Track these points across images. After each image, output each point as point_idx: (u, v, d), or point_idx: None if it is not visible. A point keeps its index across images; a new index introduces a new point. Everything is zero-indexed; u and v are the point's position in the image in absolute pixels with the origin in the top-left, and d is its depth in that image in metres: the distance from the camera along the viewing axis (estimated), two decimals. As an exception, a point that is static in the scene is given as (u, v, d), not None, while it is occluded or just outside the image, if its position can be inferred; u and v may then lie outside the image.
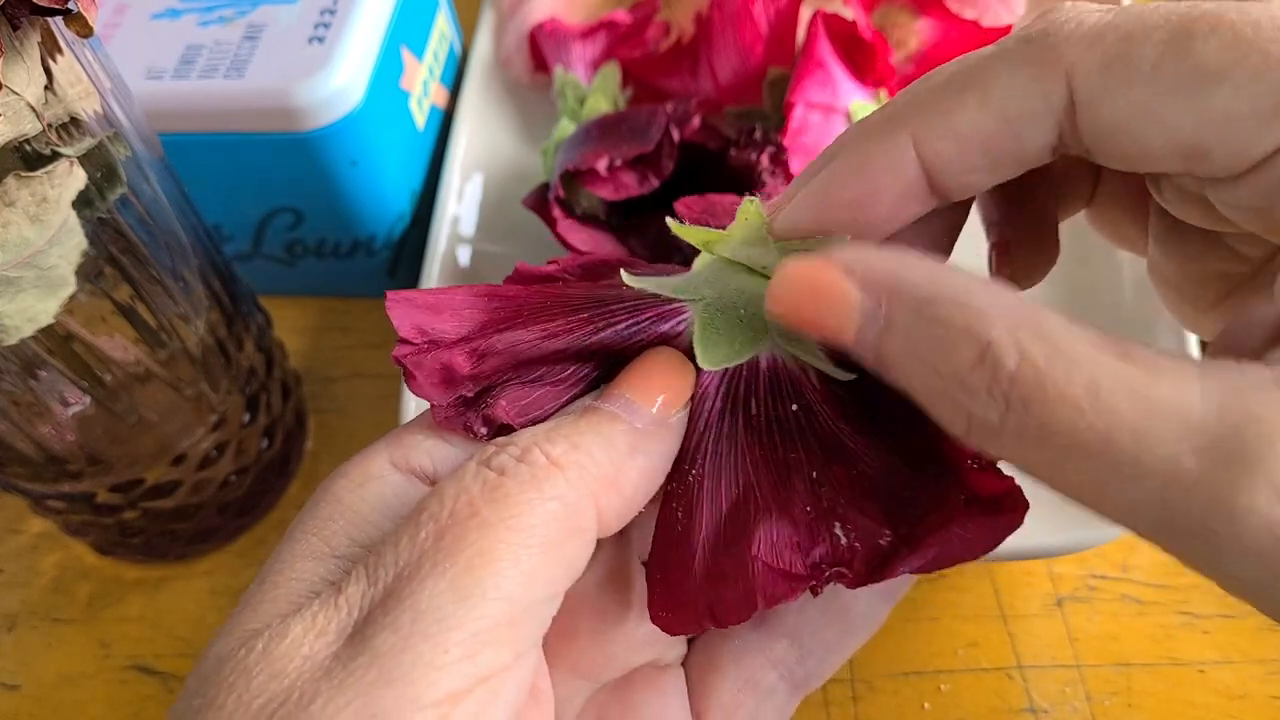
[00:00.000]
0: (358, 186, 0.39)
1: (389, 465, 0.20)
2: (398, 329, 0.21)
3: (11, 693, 0.35)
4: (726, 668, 0.22)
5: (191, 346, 0.32)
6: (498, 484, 0.18)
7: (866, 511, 0.20)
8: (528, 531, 0.17)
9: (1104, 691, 0.32)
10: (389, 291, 0.21)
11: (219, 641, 0.18)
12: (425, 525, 0.18)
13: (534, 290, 0.22)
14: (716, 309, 0.22)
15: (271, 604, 0.18)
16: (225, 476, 0.35)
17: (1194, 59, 0.16)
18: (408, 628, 0.16)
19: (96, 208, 0.26)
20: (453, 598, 0.17)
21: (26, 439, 0.30)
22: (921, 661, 0.33)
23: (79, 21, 0.23)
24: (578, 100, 0.41)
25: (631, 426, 0.20)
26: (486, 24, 0.47)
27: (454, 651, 0.16)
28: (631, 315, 0.22)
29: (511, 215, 0.41)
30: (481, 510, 0.17)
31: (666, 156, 0.35)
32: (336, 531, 0.19)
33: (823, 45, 0.37)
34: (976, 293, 0.16)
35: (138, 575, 0.38)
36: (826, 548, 0.20)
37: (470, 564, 0.17)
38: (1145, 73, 0.16)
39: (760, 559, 0.20)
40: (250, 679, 0.16)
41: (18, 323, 0.25)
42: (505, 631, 0.17)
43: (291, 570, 0.19)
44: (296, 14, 0.38)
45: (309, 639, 0.17)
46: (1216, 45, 0.16)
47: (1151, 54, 0.16)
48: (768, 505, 0.21)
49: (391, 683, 0.16)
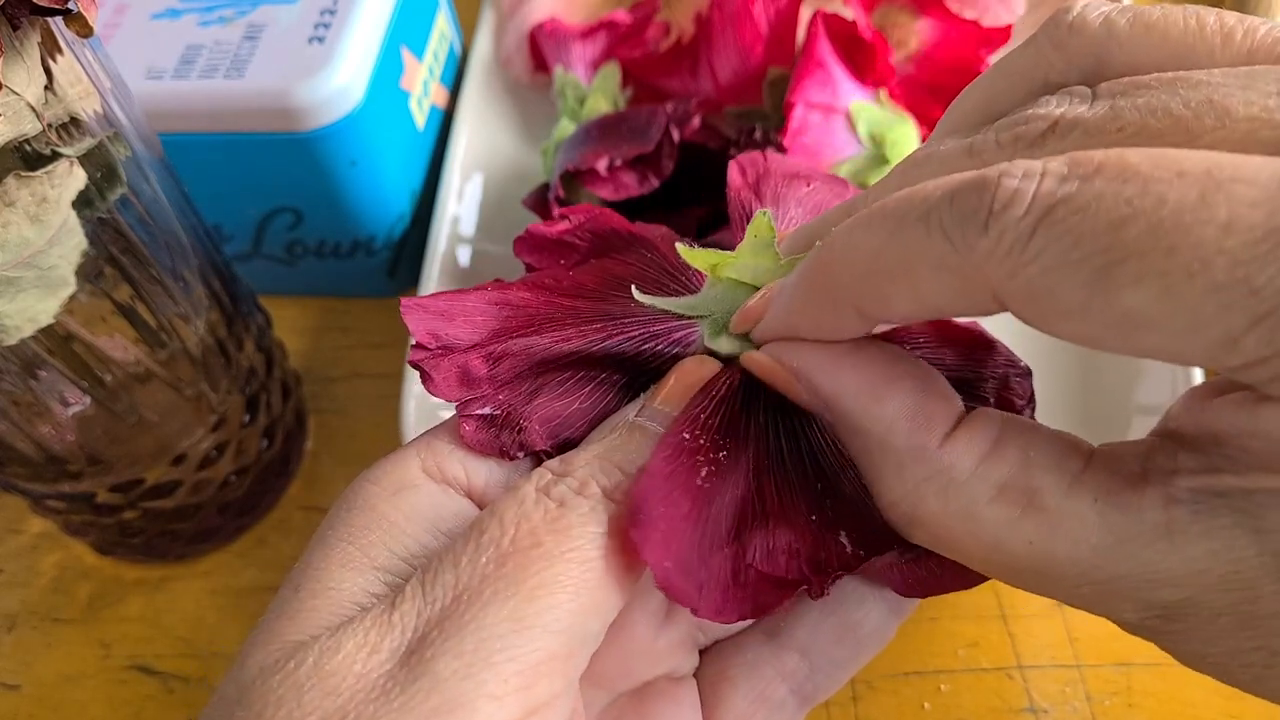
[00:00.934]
0: (358, 186, 0.39)
1: (421, 474, 0.20)
2: (413, 334, 0.21)
3: (11, 693, 0.35)
4: (738, 680, 0.22)
5: (191, 346, 0.32)
6: (559, 515, 0.18)
7: (872, 519, 0.20)
8: (588, 565, 0.18)
9: (1104, 691, 0.32)
10: (404, 299, 0.21)
11: (258, 651, 0.18)
12: (486, 549, 0.18)
13: (544, 300, 0.23)
14: (723, 324, 0.22)
15: (312, 614, 0.18)
16: (225, 476, 0.35)
17: (1121, 308, 0.14)
18: (470, 654, 0.16)
19: (96, 208, 0.26)
20: (513, 626, 0.17)
21: (26, 439, 0.30)
22: (921, 661, 0.33)
23: (79, 21, 0.23)
24: (578, 100, 0.41)
25: None
26: (486, 24, 0.47)
27: (512, 681, 0.16)
28: (643, 327, 0.22)
29: (511, 215, 0.41)
30: (544, 540, 0.18)
31: (666, 156, 0.35)
32: (374, 542, 0.19)
33: (823, 45, 0.37)
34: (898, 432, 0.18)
35: (138, 575, 0.38)
36: (829, 554, 0.20)
37: (533, 594, 0.17)
38: (1074, 313, 0.15)
39: (755, 566, 0.20)
40: (301, 694, 0.16)
41: (18, 323, 0.25)
42: (560, 664, 0.17)
43: (329, 579, 0.19)
44: (296, 14, 0.38)
45: (362, 656, 0.17)
46: (1145, 297, 0.14)
47: (1078, 296, 0.14)
48: (769, 512, 0.21)
49: (453, 710, 0.16)
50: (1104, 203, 0.14)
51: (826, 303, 0.18)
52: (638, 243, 0.25)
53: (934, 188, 0.16)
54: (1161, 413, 0.18)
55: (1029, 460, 0.17)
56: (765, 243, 0.22)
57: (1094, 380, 0.35)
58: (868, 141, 0.37)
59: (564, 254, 0.25)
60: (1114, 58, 0.18)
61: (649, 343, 0.22)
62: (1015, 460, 0.17)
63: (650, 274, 0.23)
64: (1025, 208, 0.15)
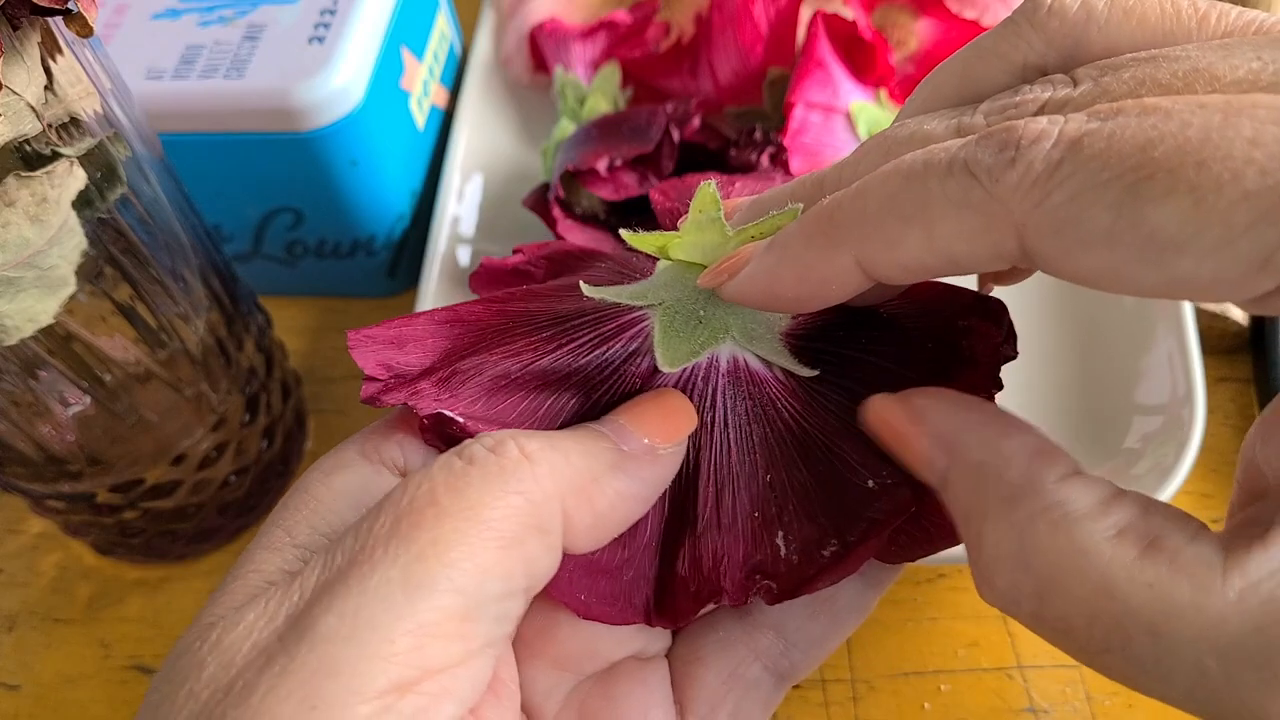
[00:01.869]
0: (358, 186, 0.39)
1: (358, 456, 0.20)
2: (363, 368, 0.21)
3: (11, 693, 0.35)
4: (711, 660, 0.22)
5: (191, 346, 0.32)
6: (463, 473, 0.18)
7: (815, 519, 0.20)
8: (485, 524, 0.17)
9: (1104, 691, 0.32)
10: (350, 332, 0.21)
11: (182, 637, 0.18)
12: (386, 512, 0.17)
13: (495, 310, 0.22)
14: (675, 311, 0.21)
15: (228, 596, 0.18)
16: (225, 477, 0.35)
17: (1150, 226, 0.14)
18: (353, 614, 0.16)
19: (96, 208, 0.26)
20: (403, 586, 0.16)
21: (26, 439, 0.30)
22: (921, 661, 0.33)
23: (79, 21, 0.23)
24: (578, 100, 0.41)
25: (618, 447, 0.19)
26: (486, 24, 0.47)
27: (401, 642, 0.16)
28: (594, 328, 0.21)
29: (511, 215, 0.41)
30: (441, 499, 0.17)
31: (666, 156, 0.35)
32: (299, 521, 0.19)
33: (823, 45, 0.37)
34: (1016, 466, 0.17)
35: (138, 575, 0.38)
36: (764, 558, 0.20)
37: (423, 553, 0.16)
38: (1099, 237, 0.15)
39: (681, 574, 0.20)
40: (202, 670, 0.16)
41: (18, 323, 0.25)
42: (456, 626, 0.16)
43: (251, 562, 0.18)
44: (296, 14, 0.38)
45: (259, 625, 0.16)
46: (1173, 213, 0.14)
47: (1104, 219, 0.14)
48: (705, 516, 0.20)
49: (334, 673, 0.15)
50: (1130, 130, 0.14)
51: (826, 248, 0.18)
52: (592, 256, 0.24)
53: (951, 143, 0.16)
54: (1162, 412, 0.18)
55: (1150, 509, 0.16)
56: (711, 217, 0.21)
57: (1094, 380, 0.35)
58: (868, 141, 0.37)
59: (522, 283, 0.25)
60: (1093, 41, 0.18)
61: (599, 348, 0.21)
62: (1136, 507, 0.16)
63: (603, 276, 0.23)
64: (1054, 141, 0.15)
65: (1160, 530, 0.16)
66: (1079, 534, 0.16)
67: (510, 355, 0.21)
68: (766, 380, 0.21)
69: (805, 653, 0.22)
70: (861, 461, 0.20)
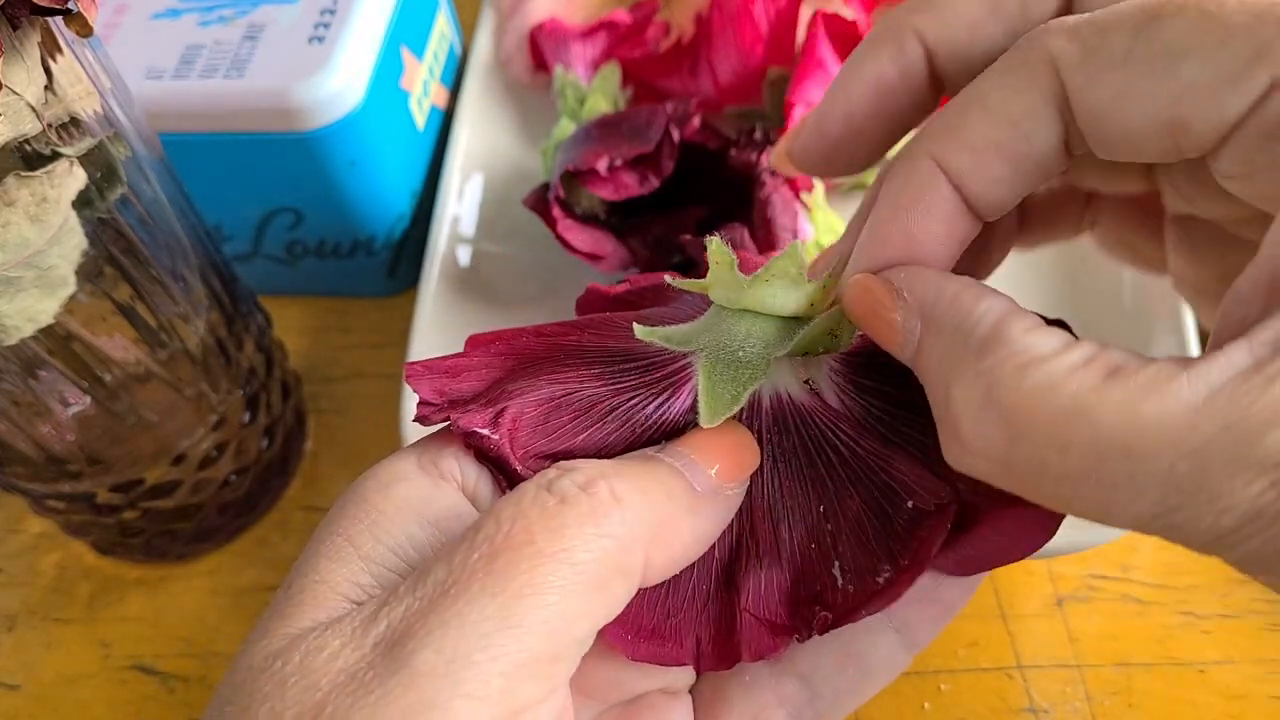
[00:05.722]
0: (358, 186, 0.39)
1: (416, 468, 0.20)
2: (419, 395, 0.21)
3: (11, 693, 0.35)
4: (734, 701, 0.22)
5: (191, 346, 0.32)
6: (556, 512, 0.18)
7: (868, 546, 0.20)
8: (578, 567, 0.17)
9: (1104, 691, 0.32)
10: (408, 364, 0.22)
11: (251, 649, 0.17)
12: (480, 546, 0.17)
13: (548, 344, 0.22)
14: (717, 356, 0.21)
15: (299, 610, 0.18)
16: (225, 476, 0.35)
17: (1161, 40, 0.17)
18: (450, 651, 0.16)
19: (96, 208, 0.26)
20: (499, 625, 0.16)
21: (26, 439, 0.30)
22: (921, 661, 0.33)
23: (79, 21, 0.23)
24: (578, 100, 0.41)
25: (692, 488, 0.20)
26: (486, 24, 0.47)
27: (495, 683, 0.16)
28: (640, 376, 0.22)
29: (511, 215, 0.41)
30: (537, 538, 0.17)
31: (666, 156, 0.35)
32: (362, 532, 0.19)
33: (823, 45, 0.37)
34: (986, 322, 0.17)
35: (138, 575, 0.38)
36: (821, 588, 0.20)
37: (520, 593, 0.17)
38: (1120, 57, 0.17)
39: (749, 610, 0.20)
40: (285, 689, 0.16)
41: (18, 323, 0.25)
42: (545, 666, 0.17)
43: (317, 573, 0.18)
44: (296, 14, 0.38)
45: (346, 651, 0.17)
46: (1182, 25, 0.17)
47: (1124, 40, 0.17)
48: (763, 553, 0.20)
49: (430, 708, 0.16)
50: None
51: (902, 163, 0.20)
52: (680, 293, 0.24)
53: None
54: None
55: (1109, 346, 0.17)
56: (725, 266, 0.21)
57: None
58: (868, 141, 0.37)
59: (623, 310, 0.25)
60: None
61: (640, 393, 0.21)
62: (1096, 345, 0.17)
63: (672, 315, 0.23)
64: None
65: (1121, 360, 0.16)
66: (1045, 370, 0.16)
67: (558, 383, 0.21)
68: (813, 409, 0.21)
69: (831, 704, 0.22)
70: (911, 479, 0.20)
